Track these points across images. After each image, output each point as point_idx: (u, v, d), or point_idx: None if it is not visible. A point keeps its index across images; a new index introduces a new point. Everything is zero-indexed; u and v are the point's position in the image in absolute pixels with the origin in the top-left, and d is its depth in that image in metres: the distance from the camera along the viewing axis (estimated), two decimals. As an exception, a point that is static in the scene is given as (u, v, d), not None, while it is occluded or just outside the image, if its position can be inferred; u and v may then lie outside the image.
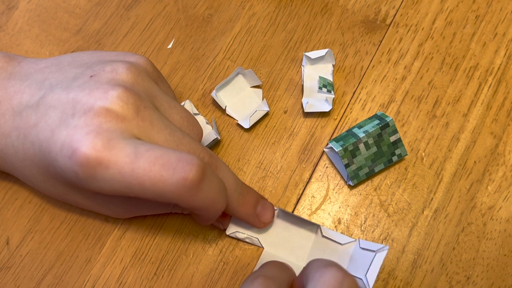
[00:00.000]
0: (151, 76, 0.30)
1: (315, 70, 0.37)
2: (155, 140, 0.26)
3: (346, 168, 0.33)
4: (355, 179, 0.34)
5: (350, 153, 0.33)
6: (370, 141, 0.33)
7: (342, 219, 0.34)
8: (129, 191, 0.25)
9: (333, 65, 0.37)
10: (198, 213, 0.28)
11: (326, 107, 0.35)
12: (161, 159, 0.24)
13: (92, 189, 0.26)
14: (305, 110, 0.35)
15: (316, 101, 0.36)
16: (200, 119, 0.35)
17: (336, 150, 0.33)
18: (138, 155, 0.24)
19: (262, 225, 0.32)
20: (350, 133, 0.34)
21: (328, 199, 0.34)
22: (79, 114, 0.26)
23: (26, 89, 0.29)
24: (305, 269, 0.27)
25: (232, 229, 0.33)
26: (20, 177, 0.31)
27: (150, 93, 0.28)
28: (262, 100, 0.36)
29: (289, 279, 0.28)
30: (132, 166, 0.24)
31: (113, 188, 0.25)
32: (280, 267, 0.29)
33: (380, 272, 0.32)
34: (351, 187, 0.34)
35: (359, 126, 0.34)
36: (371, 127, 0.33)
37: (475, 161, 0.35)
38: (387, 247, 0.29)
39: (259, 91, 0.37)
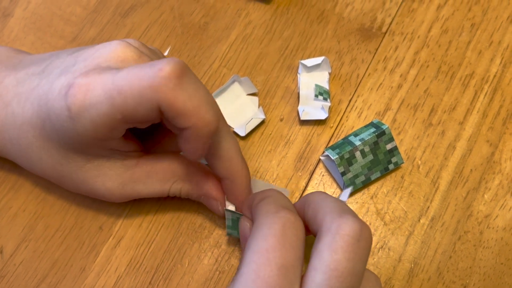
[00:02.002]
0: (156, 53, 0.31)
1: (311, 78, 0.37)
2: None
3: (342, 176, 0.33)
4: (351, 188, 0.34)
5: (347, 161, 0.33)
6: (366, 149, 0.33)
7: (338, 227, 0.33)
8: (113, 109, 0.25)
9: (329, 73, 0.37)
10: (185, 126, 0.25)
11: (322, 115, 0.35)
12: (140, 66, 0.25)
13: (85, 127, 0.26)
14: (301, 118, 0.35)
15: (312, 109, 0.36)
16: None
17: (333, 158, 0.33)
18: (120, 70, 0.25)
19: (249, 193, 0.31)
20: (346, 141, 0.34)
21: (324, 207, 0.34)
22: (80, 62, 0.27)
23: (34, 65, 0.30)
24: (309, 205, 0.26)
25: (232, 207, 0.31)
26: (15, 155, 0.31)
27: (156, 56, 0.29)
28: (258, 107, 0.36)
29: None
30: (112, 79, 0.25)
31: (100, 112, 0.25)
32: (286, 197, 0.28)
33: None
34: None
35: (355, 134, 0.34)
36: (367, 135, 0.33)
37: (471, 169, 0.35)
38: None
39: (255, 98, 0.37)
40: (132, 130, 0.29)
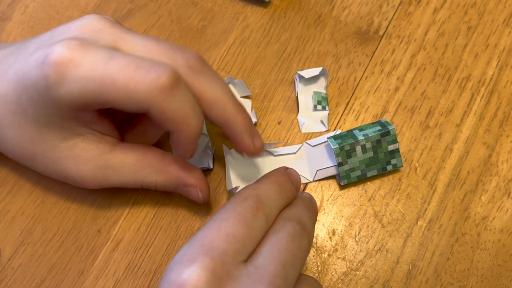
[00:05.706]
0: None
1: (309, 83, 0.37)
2: (133, 45, 0.27)
3: (339, 167, 0.33)
4: (345, 179, 0.34)
5: (346, 153, 0.33)
6: (368, 145, 0.33)
7: (337, 230, 0.34)
8: (100, 91, 0.25)
9: (326, 78, 0.37)
10: (173, 130, 0.26)
11: (322, 128, 0.36)
12: (135, 62, 0.25)
13: (63, 97, 0.25)
14: (302, 131, 0.35)
15: (313, 121, 0.36)
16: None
17: (332, 147, 0.33)
18: (112, 58, 0.25)
19: (254, 149, 0.30)
20: (350, 133, 0.34)
21: (322, 210, 0.34)
22: (56, 37, 0.27)
23: (10, 47, 0.30)
24: None
25: (234, 184, 0.32)
26: None
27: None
28: (251, 110, 0.36)
29: (285, 204, 0.27)
30: (104, 66, 0.24)
31: (84, 89, 0.25)
32: (280, 187, 0.28)
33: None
34: (345, 199, 0.34)
35: (360, 129, 0.34)
36: (371, 131, 0.33)
37: (468, 172, 0.35)
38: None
39: (248, 101, 0.37)
40: (107, 114, 0.30)
